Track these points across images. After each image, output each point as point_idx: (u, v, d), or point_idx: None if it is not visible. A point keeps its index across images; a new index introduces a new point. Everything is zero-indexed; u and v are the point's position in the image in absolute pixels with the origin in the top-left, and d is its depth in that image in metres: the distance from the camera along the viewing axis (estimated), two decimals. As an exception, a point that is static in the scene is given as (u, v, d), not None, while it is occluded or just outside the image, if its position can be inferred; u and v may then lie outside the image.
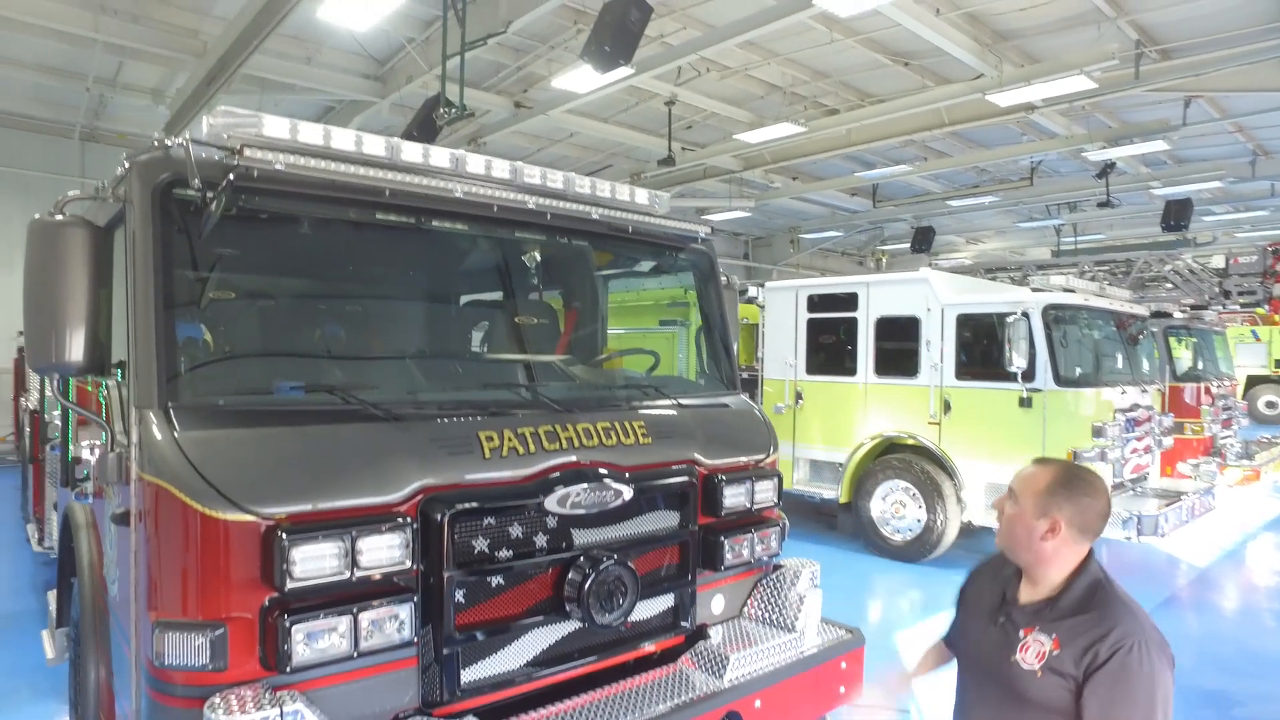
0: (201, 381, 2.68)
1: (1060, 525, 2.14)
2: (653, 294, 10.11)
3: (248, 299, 3.24)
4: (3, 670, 5.56)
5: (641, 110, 15.87)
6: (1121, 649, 2.00)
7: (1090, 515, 2.15)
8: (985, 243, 30.41)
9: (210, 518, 2.33)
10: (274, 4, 9.40)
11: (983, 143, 17.63)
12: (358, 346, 3.52)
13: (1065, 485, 2.16)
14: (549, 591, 2.99)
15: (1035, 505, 2.17)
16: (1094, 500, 2.16)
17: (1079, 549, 2.19)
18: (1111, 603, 2.11)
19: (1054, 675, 2.06)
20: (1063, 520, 2.14)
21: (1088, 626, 2.07)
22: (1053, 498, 2.15)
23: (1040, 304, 7.88)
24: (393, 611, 2.52)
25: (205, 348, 2.87)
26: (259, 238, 3.08)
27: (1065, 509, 2.14)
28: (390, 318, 3.78)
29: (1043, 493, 2.17)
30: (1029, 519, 2.18)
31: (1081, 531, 2.16)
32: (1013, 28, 11.64)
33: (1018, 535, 2.22)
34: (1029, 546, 2.20)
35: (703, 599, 3.62)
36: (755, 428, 4.05)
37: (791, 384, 9.87)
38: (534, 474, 2.96)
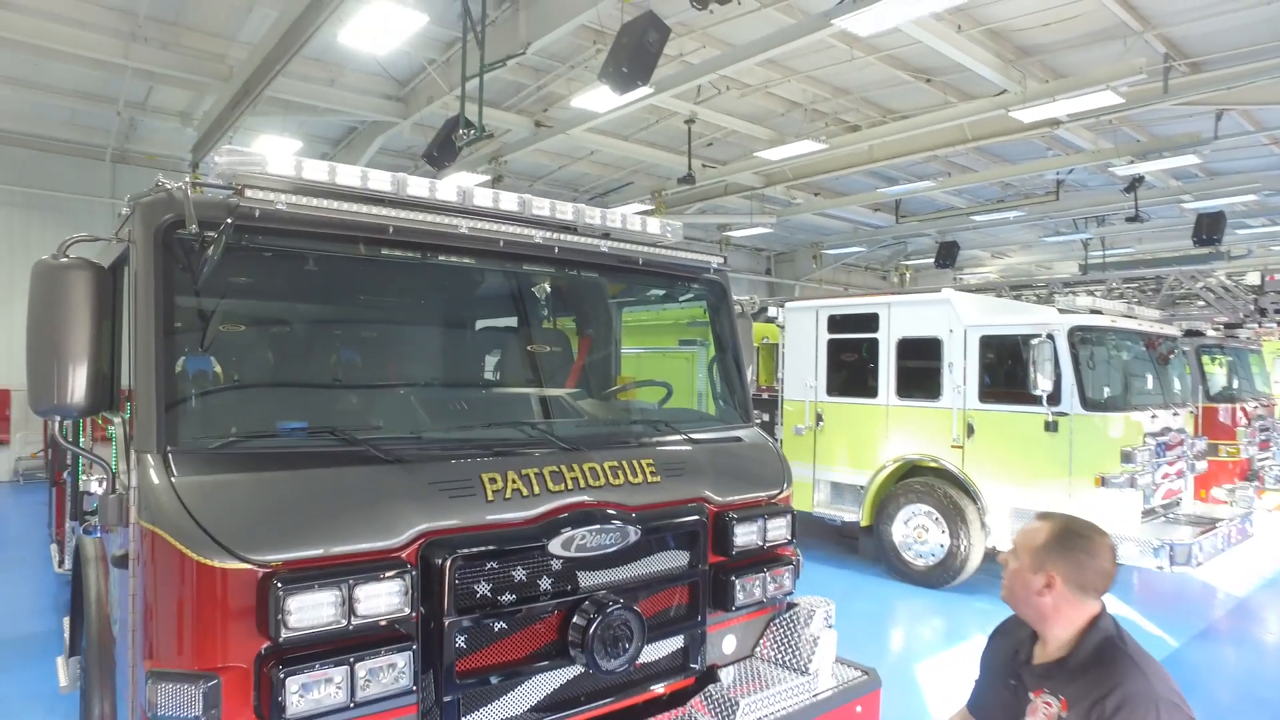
0: (202, 425, 2.66)
1: (1056, 581, 2.12)
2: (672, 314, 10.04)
3: (251, 340, 3.24)
4: (18, 695, 5.59)
5: (662, 128, 15.89)
6: (1124, 709, 1.92)
7: (1088, 573, 2.12)
8: (1011, 257, 30.01)
9: (205, 566, 2.30)
10: (296, 28, 9.53)
11: (1007, 158, 17.43)
12: (363, 385, 3.50)
13: (1061, 541, 2.15)
14: (553, 636, 2.93)
15: (1031, 560, 2.17)
16: (1091, 558, 2.12)
17: (1082, 606, 2.15)
18: (1119, 660, 2.04)
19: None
20: (1058, 576, 2.12)
21: (1094, 685, 2.01)
22: (1048, 553, 2.14)
23: (1066, 325, 7.71)
24: (391, 660, 2.47)
25: (208, 389, 2.85)
26: (263, 277, 3.08)
27: (1060, 565, 2.12)
28: (396, 354, 3.77)
29: (1039, 548, 2.16)
30: (1025, 574, 2.18)
31: (1080, 589, 2.13)
32: (1036, 43, 11.49)
33: (1016, 591, 2.22)
34: (1028, 602, 2.19)
35: (713, 639, 3.53)
36: (768, 462, 3.96)
37: (812, 405, 9.75)
38: (538, 516, 2.91)
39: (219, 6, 11.12)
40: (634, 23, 9.26)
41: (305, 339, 3.51)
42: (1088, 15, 10.50)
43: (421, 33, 11.38)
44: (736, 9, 10.84)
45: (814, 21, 9.97)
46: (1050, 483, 7.71)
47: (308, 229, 2.83)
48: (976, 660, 2.63)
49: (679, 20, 10.97)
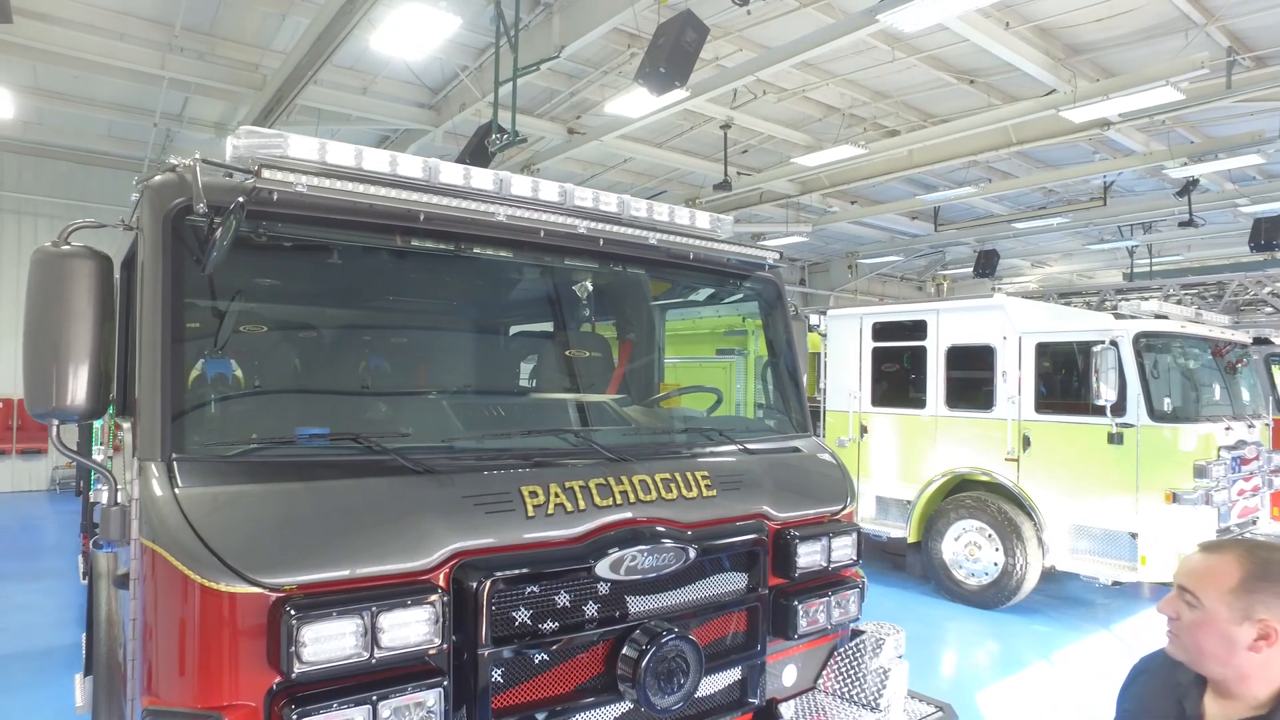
0: (212, 431, 2.41)
1: (1275, 631, 1.64)
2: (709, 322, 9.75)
3: (269, 336, 2.98)
4: (38, 711, 5.40)
5: (696, 135, 15.63)
6: None
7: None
8: (1051, 266, 29.22)
9: (210, 589, 2.03)
10: (327, 35, 9.43)
11: (1050, 162, 16.88)
12: (390, 388, 3.23)
13: (1266, 576, 1.67)
14: (600, 669, 2.63)
15: (1231, 608, 1.67)
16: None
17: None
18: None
19: None
20: (1276, 623, 1.65)
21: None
22: (1253, 595, 1.66)
23: (1130, 332, 7.26)
24: (419, 699, 2.18)
25: (220, 392, 2.60)
26: (283, 270, 2.83)
27: (1276, 608, 1.65)
28: (427, 355, 3.50)
29: (1238, 590, 1.67)
30: (1224, 626, 1.68)
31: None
32: (1088, 40, 11.04)
33: (1208, 648, 1.72)
34: (1228, 661, 1.70)
35: (773, 670, 3.20)
36: (831, 474, 3.63)
37: (856, 416, 9.36)
38: (584, 534, 2.61)
39: (252, 16, 11.10)
40: (671, 22, 9.01)
41: (328, 338, 3.25)
42: (1144, 9, 10.04)
43: (454, 39, 11.27)
44: (775, 8, 10.60)
45: (855, 20, 9.64)
46: (1115, 498, 7.24)
47: (330, 215, 2.58)
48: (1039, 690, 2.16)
49: (714, 22, 10.69)
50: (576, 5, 10.47)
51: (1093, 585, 7.81)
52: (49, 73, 12.42)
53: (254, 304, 2.81)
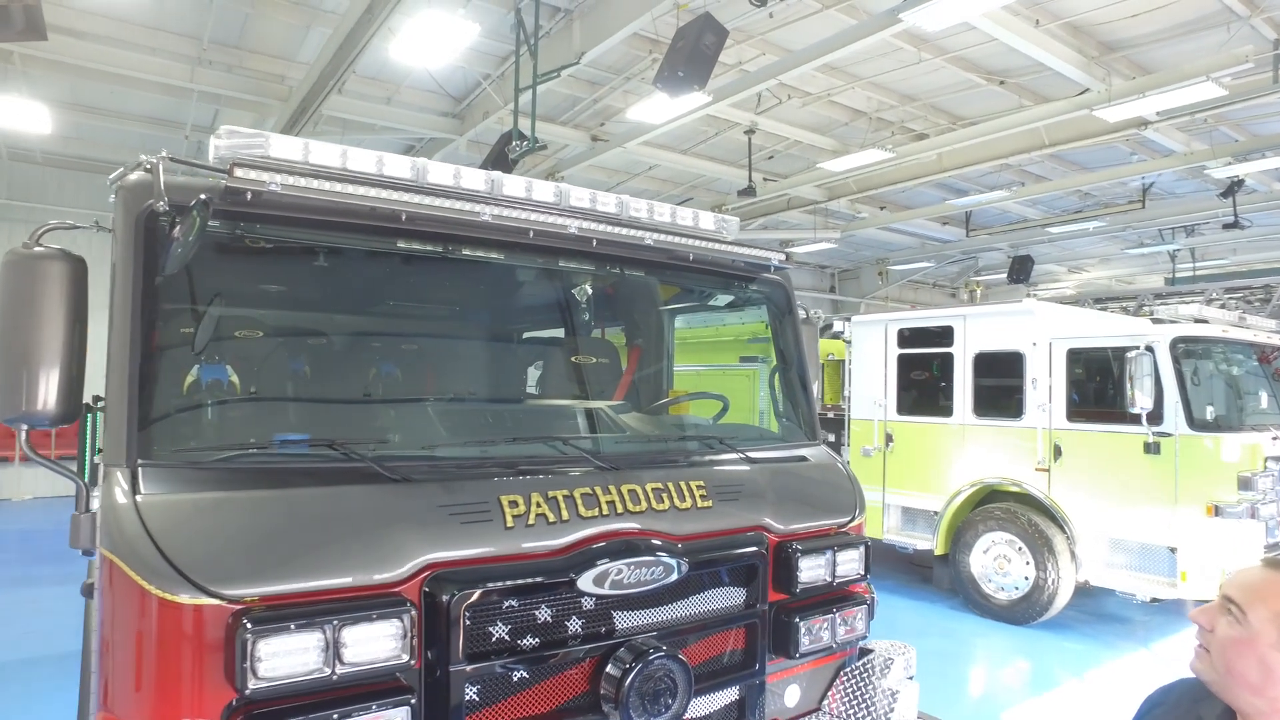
0: (183, 437, 2.34)
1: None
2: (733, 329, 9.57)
3: (247, 340, 2.91)
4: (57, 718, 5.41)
5: (721, 141, 15.50)
6: None
7: None
8: (1089, 271, 28.51)
9: (165, 601, 1.95)
10: (348, 44, 9.50)
11: (1086, 164, 16.43)
12: (372, 394, 3.15)
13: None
14: (583, 688, 2.50)
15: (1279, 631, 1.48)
16: None
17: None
18: None
19: None
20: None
21: None
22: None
23: (1167, 337, 6.96)
24: (385, 717, 2.07)
25: (192, 397, 2.54)
26: (261, 271, 2.77)
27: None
28: (412, 361, 3.41)
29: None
30: (1265, 650, 1.48)
31: None
32: (1122, 37, 10.71)
33: (1242, 672, 1.52)
34: (1263, 689, 1.50)
35: (773, 690, 3.05)
36: (838, 485, 3.47)
37: (881, 425, 9.12)
38: (566, 546, 2.49)
39: (278, 28, 11.24)
40: (689, 26, 8.92)
41: (309, 343, 3.18)
42: (1182, 2, 9.70)
43: (475, 47, 11.30)
44: (797, 11, 10.45)
45: (878, 20, 9.47)
46: (1153, 511, 6.93)
47: (311, 216, 2.50)
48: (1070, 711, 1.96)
49: (736, 26, 10.59)
50: (596, 11, 10.43)
51: (1129, 601, 7.49)
52: (86, 88, 12.72)
53: (231, 307, 2.74)
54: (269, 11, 10.61)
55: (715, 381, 9.14)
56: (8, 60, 11.48)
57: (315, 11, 10.60)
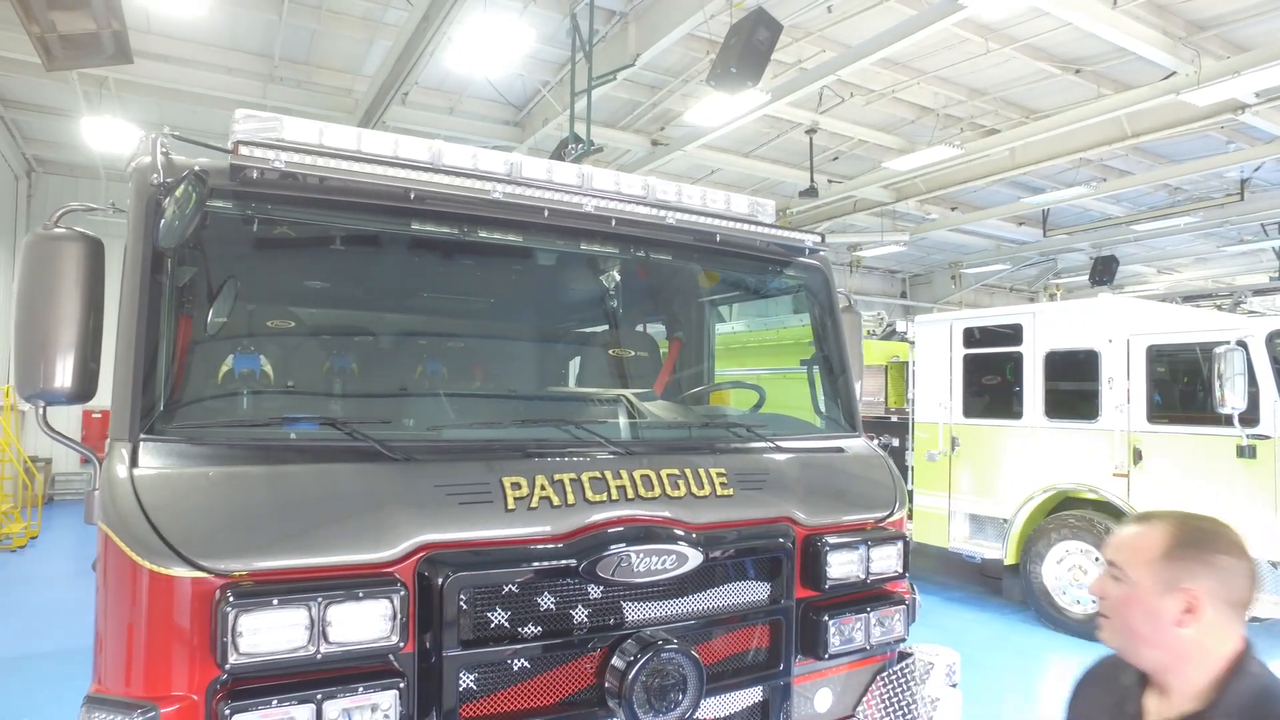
0: (187, 414, 2.34)
1: (1200, 602, 1.50)
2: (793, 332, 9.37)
3: (256, 320, 2.92)
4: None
5: (783, 142, 15.26)
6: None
7: (1239, 580, 1.53)
8: (1181, 272, 26.86)
9: (154, 574, 1.93)
10: (406, 54, 9.73)
11: (1174, 156, 15.48)
12: (379, 376, 3.12)
13: (1194, 544, 1.53)
14: (586, 681, 2.38)
15: (1155, 579, 1.53)
16: (1237, 559, 1.54)
17: (1228, 636, 1.54)
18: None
19: None
20: (1202, 594, 1.50)
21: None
22: (1180, 564, 1.52)
23: (1263, 331, 6.41)
24: (371, 700, 2.01)
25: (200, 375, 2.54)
26: (272, 251, 2.77)
27: (1202, 577, 1.51)
28: (421, 344, 3.36)
29: (1163, 560, 1.53)
30: (1150, 600, 1.54)
31: (1230, 606, 1.53)
32: (1211, 15, 10.03)
33: (1137, 626, 1.56)
34: (1157, 640, 1.54)
35: (801, 693, 2.87)
36: (876, 478, 3.27)
37: (946, 428, 8.72)
38: (571, 531, 2.39)
39: (344, 43, 11.61)
40: (743, 22, 8.79)
41: (318, 325, 3.17)
42: (1277, -25, 9.04)
43: (534, 55, 11.43)
44: (856, 5, 10.18)
45: (938, 9, 9.10)
46: (1250, 520, 6.37)
47: (322, 197, 2.49)
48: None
49: (794, 22, 10.40)
50: (651, 13, 10.41)
51: (1223, 619, 6.90)
52: (170, 109, 13.40)
53: (241, 289, 2.74)
54: (335, 27, 10.97)
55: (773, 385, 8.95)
56: (103, 85, 12.20)
57: (378, 25, 10.90)
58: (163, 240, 2.27)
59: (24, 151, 15.45)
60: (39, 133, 14.81)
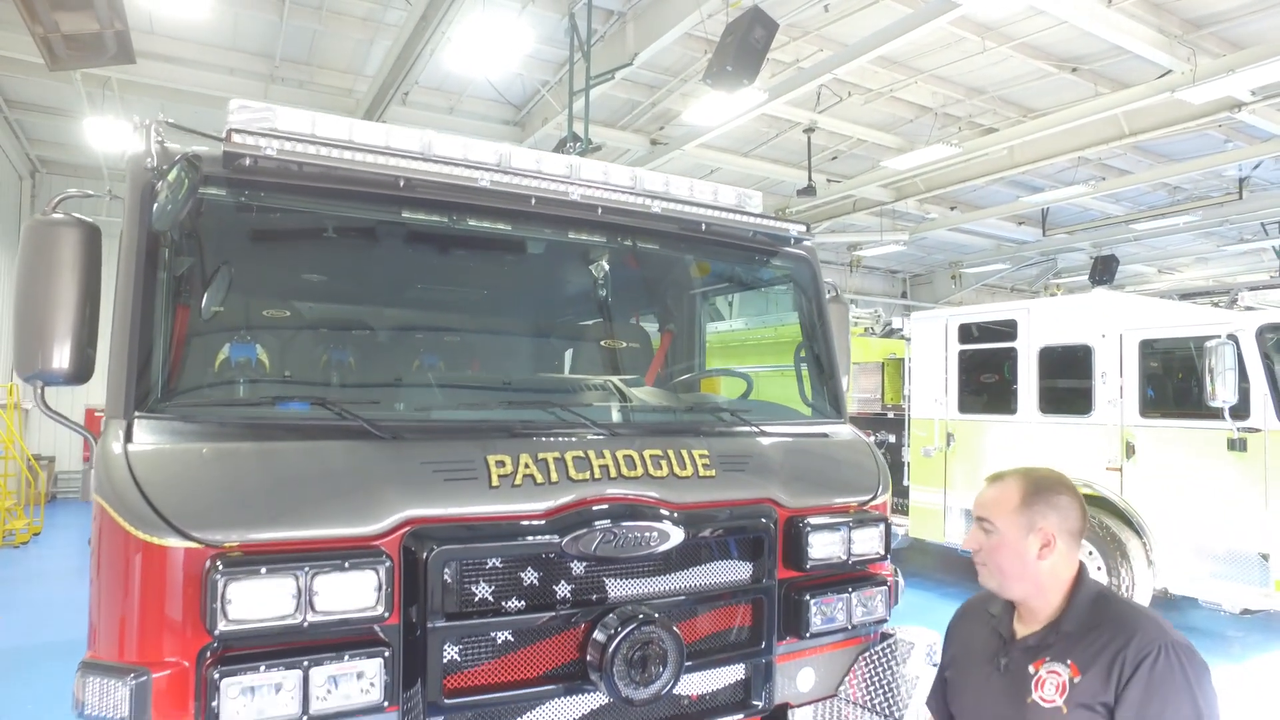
0: (179, 393, 2.40)
1: (1053, 537, 1.90)
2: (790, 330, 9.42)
3: (249, 304, 2.99)
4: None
5: (781, 142, 15.32)
6: (1148, 657, 1.74)
7: (1074, 514, 1.94)
8: (1182, 272, 26.85)
9: (146, 543, 2.00)
10: (406, 53, 9.80)
11: (1172, 155, 15.51)
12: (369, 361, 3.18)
13: (1040, 492, 1.93)
14: (571, 656, 2.44)
15: (1017, 525, 1.92)
16: (1072, 498, 1.95)
17: (1072, 560, 1.96)
18: (1124, 611, 1.89)
19: (1083, 710, 1.77)
20: (1053, 530, 1.90)
21: (1105, 642, 1.81)
22: (1032, 510, 1.91)
23: (1254, 325, 6.46)
24: (358, 668, 2.07)
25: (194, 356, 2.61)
26: (266, 238, 2.83)
27: (1051, 516, 1.90)
28: (410, 332, 3.41)
29: (1020, 508, 1.92)
30: (1016, 543, 1.92)
31: (1072, 535, 1.94)
32: (1207, 13, 10.07)
33: (1008, 567, 1.94)
34: (1024, 574, 1.93)
35: (784, 672, 2.92)
36: (860, 463, 3.32)
37: (942, 424, 8.78)
38: (554, 509, 2.44)
39: (345, 43, 11.70)
40: (739, 20, 8.84)
41: (310, 311, 3.24)
42: (1273, -28, 9.08)
43: (533, 54, 11.50)
44: (853, 3, 10.24)
45: (934, 8, 9.15)
46: (1240, 513, 6.42)
47: (313, 184, 2.56)
48: None
49: (791, 21, 10.47)
50: (649, 13, 10.48)
51: (1217, 613, 6.95)
52: (172, 109, 13.45)
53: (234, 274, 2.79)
54: (336, 27, 11.05)
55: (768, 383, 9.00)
56: (106, 86, 12.29)
57: (379, 25, 10.98)
58: (157, 223, 2.34)
59: (28, 152, 15.57)
60: (43, 133, 14.92)
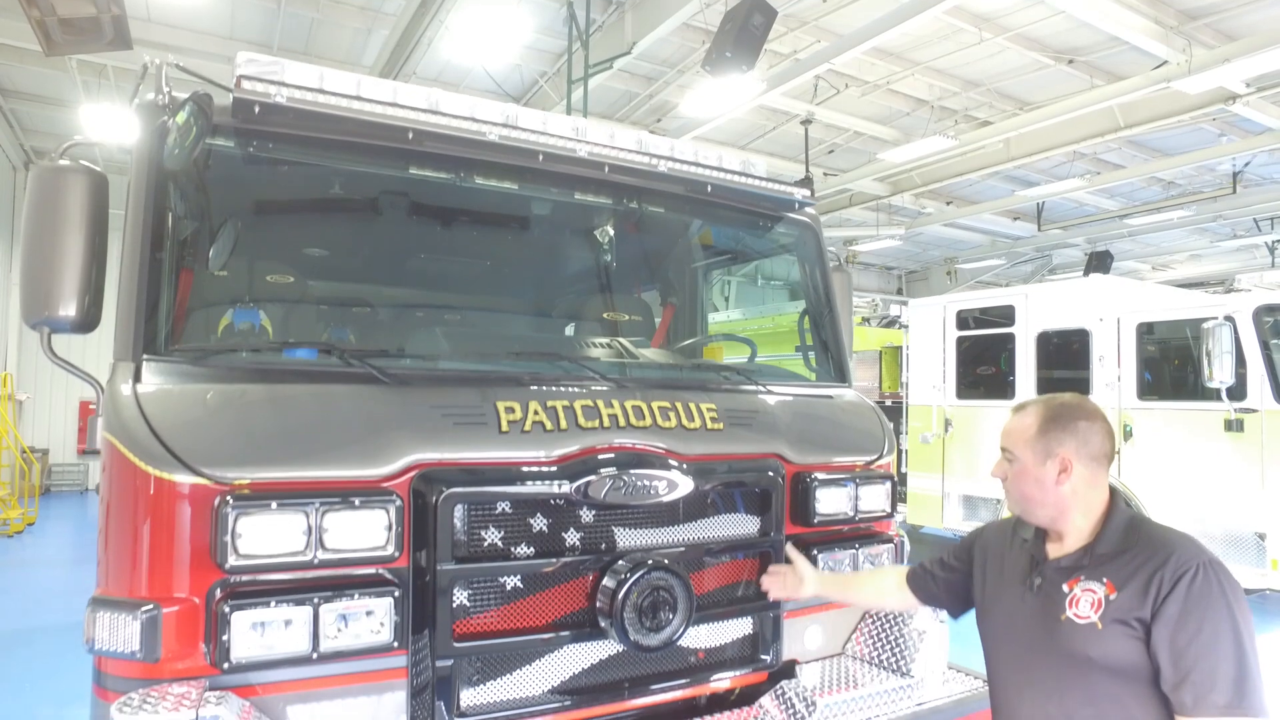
0: (189, 337, 2.40)
1: (1070, 462, 1.90)
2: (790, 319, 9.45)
3: (257, 252, 2.97)
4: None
5: (778, 135, 15.34)
6: (1186, 574, 1.73)
7: (1095, 439, 1.93)
8: (1176, 269, 26.98)
9: (157, 479, 1.99)
10: (404, 42, 9.80)
11: (1167, 149, 15.56)
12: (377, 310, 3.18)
13: (1057, 419, 1.94)
14: (578, 603, 2.43)
15: (1035, 452, 1.94)
16: (1091, 422, 1.94)
17: (1098, 483, 1.95)
18: (1157, 533, 1.89)
19: (1118, 625, 1.77)
20: (1070, 455, 1.91)
21: (1141, 561, 1.81)
22: (1048, 436, 1.93)
23: (1250, 306, 6.49)
24: (367, 605, 2.06)
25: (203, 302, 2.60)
26: (275, 187, 2.83)
27: (1068, 442, 1.91)
28: (415, 279, 3.40)
29: (1037, 436, 1.95)
30: (1035, 470, 1.94)
31: (1094, 460, 1.92)
32: (1202, 4, 10.11)
33: (1030, 493, 1.97)
34: (1045, 499, 1.94)
35: (792, 629, 2.92)
36: (865, 426, 3.33)
37: (940, 410, 8.80)
38: (564, 455, 2.44)
39: (343, 33, 11.67)
40: (738, 7, 8.86)
41: (318, 261, 3.22)
42: (1268, -38, 9.13)
43: (532, 45, 11.50)
44: (850, -7, 10.27)
45: (928, -3, 9.15)
46: (1238, 493, 6.45)
47: (322, 135, 2.55)
48: None
49: (789, 13, 10.49)
50: (648, 1, 10.48)
51: (1213, 595, 6.97)
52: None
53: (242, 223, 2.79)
54: (334, 16, 11.02)
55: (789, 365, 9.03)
56: (102, 74, 12.25)
57: (377, 14, 10.96)
58: (168, 161, 2.33)
59: (23, 143, 15.50)
60: (38, 123, 14.85)
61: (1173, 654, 1.69)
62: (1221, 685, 1.65)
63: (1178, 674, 1.68)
